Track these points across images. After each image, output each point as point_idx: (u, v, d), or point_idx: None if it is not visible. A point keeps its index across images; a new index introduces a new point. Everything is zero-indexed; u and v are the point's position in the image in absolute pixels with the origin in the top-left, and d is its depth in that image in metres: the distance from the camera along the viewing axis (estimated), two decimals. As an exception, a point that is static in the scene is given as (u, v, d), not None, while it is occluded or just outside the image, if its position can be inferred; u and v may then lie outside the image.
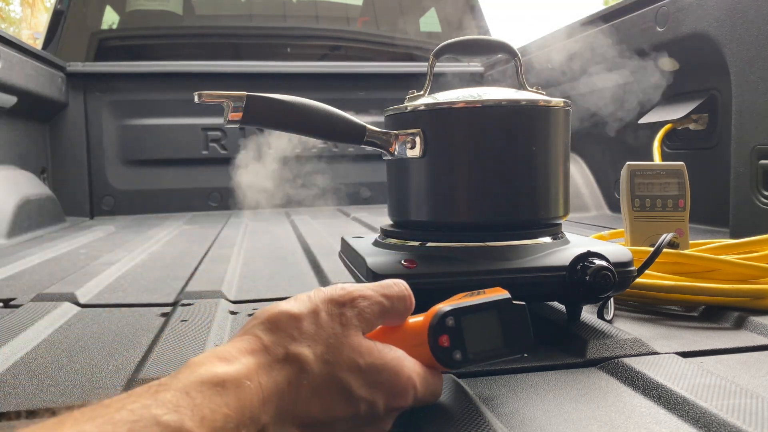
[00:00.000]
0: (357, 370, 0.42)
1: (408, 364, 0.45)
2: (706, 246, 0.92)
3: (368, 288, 0.46)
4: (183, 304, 0.87)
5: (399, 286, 0.47)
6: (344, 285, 0.46)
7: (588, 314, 0.74)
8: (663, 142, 1.64)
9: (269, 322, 0.41)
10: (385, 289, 0.46)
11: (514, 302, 0.49)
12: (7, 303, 0.94)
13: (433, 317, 0.47)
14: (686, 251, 0.87)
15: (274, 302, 0.44)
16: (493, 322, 0.48)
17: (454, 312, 0.47)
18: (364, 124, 0.69)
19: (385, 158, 0.74)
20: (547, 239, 0.70)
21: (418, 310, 0.49)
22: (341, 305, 0.44)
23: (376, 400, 0.42)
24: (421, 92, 0.75)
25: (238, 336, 0.41)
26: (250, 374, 0.37)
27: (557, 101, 0.70)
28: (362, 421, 0.42)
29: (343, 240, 0.83)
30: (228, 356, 0.38)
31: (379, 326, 0.48)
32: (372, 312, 0.44)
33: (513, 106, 0.68)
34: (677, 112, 1.61)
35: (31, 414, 0.53)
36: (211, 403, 0.34)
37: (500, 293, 0.49)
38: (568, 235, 0.75)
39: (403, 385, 0.43)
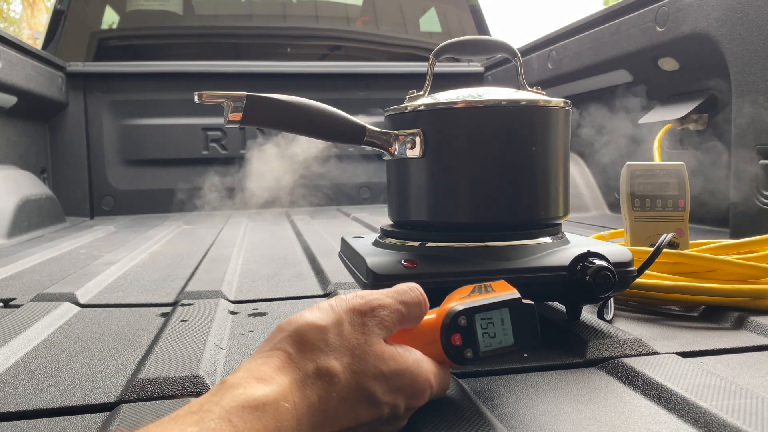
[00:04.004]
0: (381, 376, 0.43)
1: (425, 366, 0.46)
2: (706, 246, 0.92)
3: (386, 295, 0.47)
4: (183, 304, 0.87)
5: (414, 291, 0.48)
6: (362, 293, 0.46)
7: (588, 314, 0.74)
8: (663, 142, 1.64)
9: (296, 335, 0.42)
10: (402, 295, 0.47)
11: (524, 301, 0.49)
12: (7, 303, 0.94)
13: (445, 316, 0.48)
14: (686, 251, 0.87)
15: (298, 312, 0.44)
16: (504, 321, 0.49)
17: (467, 311, 0.48)
18: (364, 124, 0.69)
19: (385, 158, 0.74)
20: (547, 239, 0.70)
21: None
22: (362, 314, 0.44)
23: (398, 402, 0.44)
24: (421, 92, 0.75)
25: (266, 350, 0.42)
26: (285, 395, 0.38)
27: (557, 101, 0.70)
28: (383, 422, 0.44)
29: (343, 240, 0.83)
30: (264, 376, 0.39)
31: None
32: (391, 320, 0.45)
33: (513, 106, 0.68)
34: (677, 112, 1.61)
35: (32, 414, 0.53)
36: (252, 428, 0.35)
37: (508, 289, 0.50)
38: (568, 235, 0.75)
39: (421, 386, 0.45)
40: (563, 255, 0.67)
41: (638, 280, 0.79)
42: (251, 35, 2.88)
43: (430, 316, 0.49)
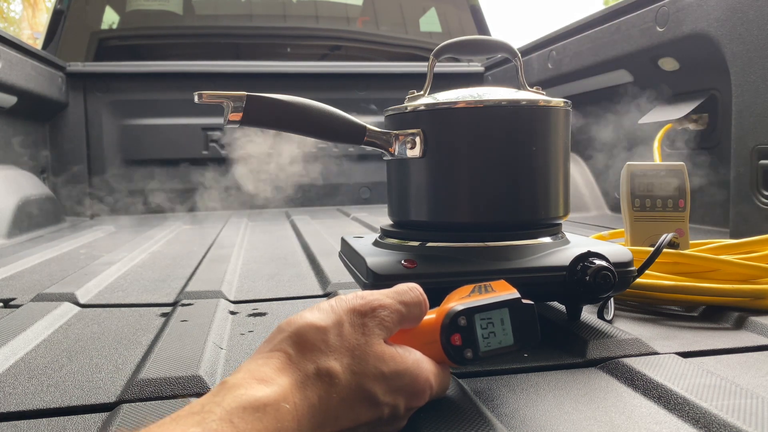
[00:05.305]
0: (382, 377, 0.43)
1: (425, 366, 0.46)
2: (706, 246, 0.92)
3: (386, 296, 0.47)
4: (183, 304, 0.87)
5: (414, 291, 0.48)
6: (363, 293, 0.46)
7: (588, 314, 0.74)
8: (663, 142, 1.64)
9: (297, 336, 0.42)
10: (402, 295, 0.47)
11: (524, 301, 0.49)
12: (7, 303, 0.94)
13: (445, 316, 0.48)
14: (686, 251, 0.87)
15: (298, 313, 0.44)
16: (504, 321, 0.49)
17: (467, 311, 0.48)
18: (364, 124, 0.69)
19: (385, 158, 0.74)
20: (547, 239, 0.70)
21: None
22: (363, 315, 0.44)
23: (398, 403, 0.44)
24: (421, 92, 0.75)
25: (266, 351, 0.42)
26: (286, 396, 0.38)
27: (557, 101, 0.70)
28: (383, 422, 0.44)
29: (343, 240, 0.83)
30: (265, 377, 0.39)
31: None
32: (392, 320, 0.45)
33: (513, 106, 0.68)
34: (677, 112, 1.61)
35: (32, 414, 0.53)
36: (253, 429, 0.35)
37: (508, 289, 0.50)
38: (568, 235, 0.75)
39: (421, 386, 0.45)
40: (563, 255, 0.67)
41: (638, 280, 0.79)
42: (251, 35, 2.88)
43: (430, 316, 0.49)
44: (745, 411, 0.47)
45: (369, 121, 0.70)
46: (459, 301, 0.49)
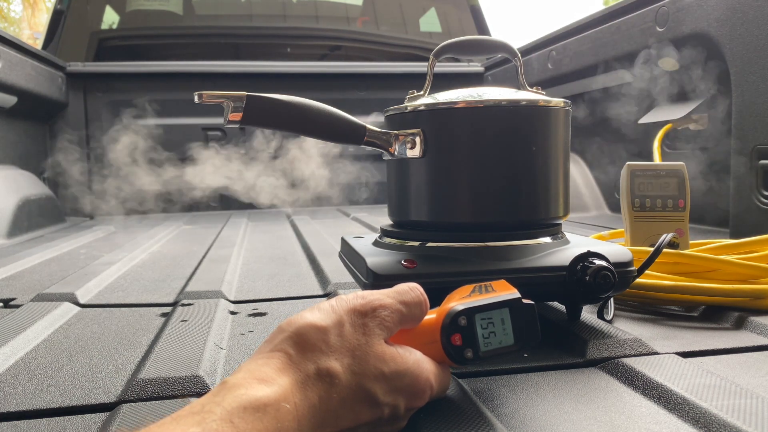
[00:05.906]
0: (382, 377, 0.43)
1: (425, 366, 0.46)
2: (706, 246, 0.92)
3: (386, 296, 0.47)
4: (183, 304, 0.87)
5: (415, 291, 0.48)
6: (363, 293, 0.46)
7: (588, 314, 0.74)
8: (663, 142, 1.64)
9: (297, 336, 0.42)
10: (403, 295, 0.47)
11: (524, 301, 0.49)
12: (7, 303, 0.94)
13: (445, 317, 0.48)
14: (686, 251, 0.87)
15: (299, 313, 0.44)
16: (504, 321, 0.49)
17: (467, 311, 0.48)
18: (364, 124, 0.69)
19: (385, 158, 0.74)
20: (547, 239, 0.70)
21: None
22: (363, 315, 0.44)
23: (399, 403, 0.44)
24: (421, 92, 0.75)
25: (267, 351, 0.42)
26: (287, 396, 0.38)
27: (557, 101, 0.70)
28: (383, 422, 0.44)
29: (343, 240, 0.83)
30: (265, 377, 0.39)
31: None
32: (392, 320, 0.45)
33: (513, 106, 0.68)
34: (677, 112, 1.61)
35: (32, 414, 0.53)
36: (253, 429, 0.35)
37: (508, 289, 0.50)
38: (568, 235, 0.75)
39: (422, 386, 0.45)
40: (563, 255, 0.67)
41: (638, 280, 0.79)
42: (251, 35, 2.88)
43: (431, 316, 0.49)
44: (745, 411, 0.47)
45: (369, 121, 0.70)
46: (459, 301, 0.49)
